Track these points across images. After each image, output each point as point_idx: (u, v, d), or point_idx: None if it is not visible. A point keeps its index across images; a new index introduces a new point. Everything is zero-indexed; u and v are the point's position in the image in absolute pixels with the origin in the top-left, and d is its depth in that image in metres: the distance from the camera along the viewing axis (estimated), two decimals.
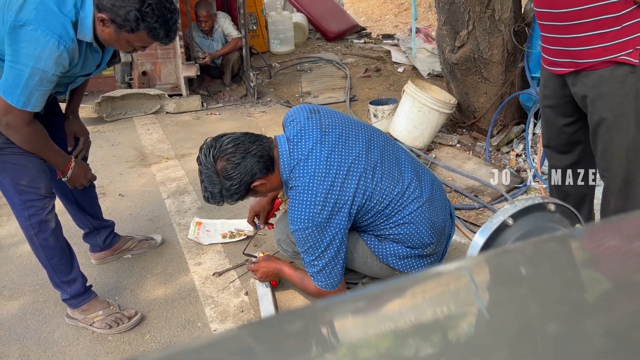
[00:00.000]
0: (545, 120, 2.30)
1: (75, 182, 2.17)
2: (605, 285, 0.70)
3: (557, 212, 0.94)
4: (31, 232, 2.08)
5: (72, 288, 2.20)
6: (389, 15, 9.70)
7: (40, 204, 2.06)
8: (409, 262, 2.04)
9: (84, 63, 1.90)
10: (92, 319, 2.21)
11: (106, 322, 2.20)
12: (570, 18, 1.92)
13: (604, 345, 0.55)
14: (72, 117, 2.35)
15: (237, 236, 2.82)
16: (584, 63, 1.96)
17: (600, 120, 2.00)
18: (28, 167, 2.00)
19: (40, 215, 2.07)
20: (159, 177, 3.61)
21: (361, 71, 5.76)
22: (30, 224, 2.07)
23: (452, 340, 0.60)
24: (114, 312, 2.24)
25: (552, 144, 2.31)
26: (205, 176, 1.88)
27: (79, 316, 2.24)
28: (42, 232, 2.09)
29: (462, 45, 3.57)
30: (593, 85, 1.96)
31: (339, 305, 0.70)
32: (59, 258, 2.15)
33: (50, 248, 2.12)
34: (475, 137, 3.93)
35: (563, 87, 2.11)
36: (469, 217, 2.97)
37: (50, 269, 2.16)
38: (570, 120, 2.18)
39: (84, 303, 2.23)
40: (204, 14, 5.19)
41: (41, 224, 2.08)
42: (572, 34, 1.94)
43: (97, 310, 2.23)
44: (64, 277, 2.18)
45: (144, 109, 4.91)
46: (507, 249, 0.85)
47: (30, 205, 2.04)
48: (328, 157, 1.86)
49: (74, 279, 2.20)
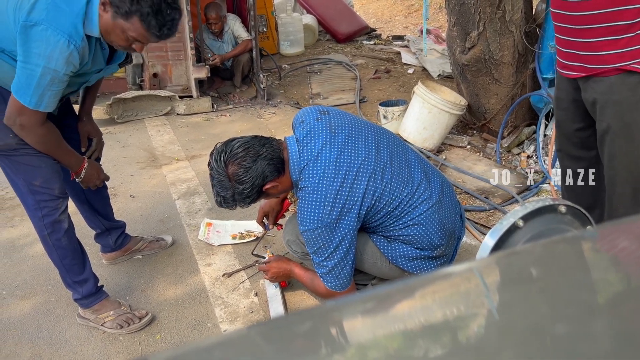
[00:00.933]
0: (558, 123, 2.27)
1: (89, 183, 2.18)
2: (615, 287, 0.69)
3: (568, 214, 0.93)
4: (44, 232, 2.10)
5: (83, 288, 2.22)
6: (399, 17, 9.68)
7: (53, 204, 2.08)
8: (419, 264, 2.03)
9: (94, 59, 1.91)
10: (104, 319, 2.23)
11: (117, 322, 2.22)
12: (583, 22, 1.89)
13: (614, 346, 0.55)
14: (86, 118, 2.38)
15: (247, 237, 2.83)
16: (594, 69, 1.93)
17: (608, 128, 1.97)
18: (42, 167, 2.02)
19: (54, 215, 2.08)
20: (170, 178, 3.63)
21: (371, 72, 5.75)
22: (43, 224, 2.08)
23: (461, 341, 0.60)
24: (125, 312, 2.25)
25: (564, 148, 2.28)
26: (217, 181, 1.89)
27: (90, 316, 2.25)
28: (55, 232, 2.11)
29: (472, 47, 3.55)
30: (603, 91, 1.93)
31: (348, 305, 0.70)
32: (71, 258, 2.17)
33: (63, 248, 2.14)
34: (486, 138, 3.91)
35: (575, 90, 2.08)
36: (479, 218, 2.96)
37: (63, 268, 2.18)
38: (583, 125, 2.15)
39: (95, 303, 2.25)
40: (214, 16, 5.21)
41: (54, 224, 2.10)
42: (584, 38, 1.92)
43: (108, 310, 2.25)
44: (76, 277, 2.20)
45: (155, 111, 4.94)
46: (517, 250, 0.84)
47: (43, 205, 2.06)
48: (337, 157, 1.86)
49: (85, 279, 2.22)
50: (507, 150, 3.72)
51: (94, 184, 2.20)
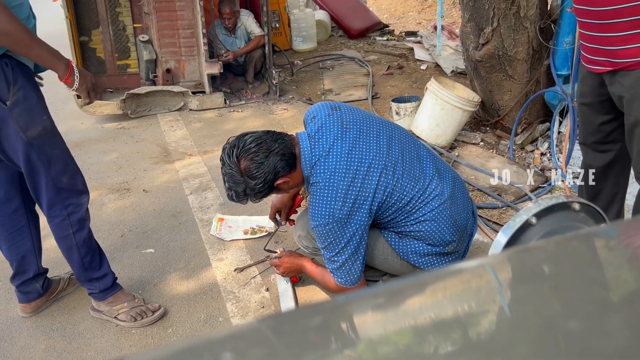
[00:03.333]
0: (582, 117, 2.26)
1: (87, 88, 1.91)
2: (630, 284, 0.68)
3: (582, 212, 0.92)
4: (69, 231, 2.06)
5: (101, 283, 2.21)
6: (412, 13, 9.63)
7: (78, 201, 2.06)
8: (430, 260, 2.03)
9: None
10: (118, 311, 2.24)
11: (131, 314, 2.22)
12: (607, 16, 1.88)
13: (628, 343, 0.54)
14: None
15: (259, 232, 2.84)
16: (621, 63, 1.91)
17: (636, 121, 1.95)
18: (68, 162, 1.99)
19: (79, 212, 2.07)
20: (182, 174, 3.65)
21: (384, 69, 5.73)
22: (69, 222, 2.05)
23: (472, 338, 0.60)
24: (138, 304, 2.26)
25: (588, 142, 2.27)
26: (229, 176, 1.89)
27: (104, 308, 2.25)
28: (81, 230, 2.09)
29: (486, 43, 3.52)
30: (630, 85, 1.92)
31: (359, 300, 0.70)
32: (92, 255, 2.15)
33: (86, 246, 2.12)
34: (499, 135, 3.88)
35: (600, 85, 2.07)
36: (492, 216, 2.94)
37: (82, 267, 2.15)
38: (607, 118, 2.14)
39: (110, 295, 2.25)
40: (227, 11, 5.22)
41: (80, 222, 2.08)
42: (609, 33, 1.90)
43: (122, 302, 2.25)
44: (95, 273, 2.19)
45: (168, 106, 4.97)
46: (530, 246, 0.84)
47: (68, 203, 2.03)
48: (349, 153, 1.86)
49: (104, 274, 2.21)
50: (521, 148, 3.69)
51: (93, 91, 1.94)
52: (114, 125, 4.71)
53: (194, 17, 4.85)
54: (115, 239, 2.88)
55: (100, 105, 4.68)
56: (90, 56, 5.13)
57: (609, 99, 2.05)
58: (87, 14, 5.02)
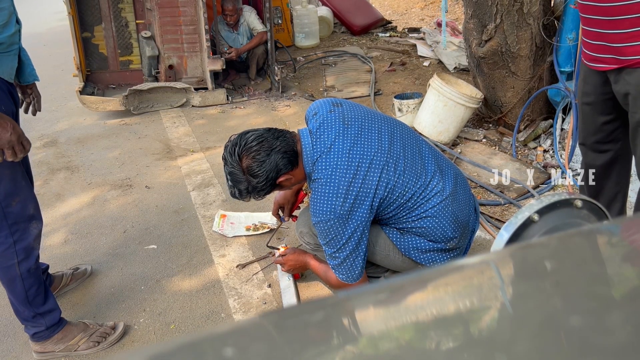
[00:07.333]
0: (583, 117, 2.24)
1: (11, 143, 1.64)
2: (632, 281, 0.68)
3: (584, 209, 0.92)
4: (13, 261, 1.85)
5: (47, 319, 1.99)
6: (415, 9, 9.60)
7: (26, 226, 1.86)
8: (432, 256, 2.03)
9: None
10: (77, 343, 2.06)
11: (92, 340, 2.07)
12: (615, 13, 1.86)
13: (629, 340, 0.54)
14: None
15: (261, 229, 2.84)
16: (627, 60, 1.90)
17: None
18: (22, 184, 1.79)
19: (27, 240, 1.86)
20: (185, 170, 3.65)
21: (386, 65, 5.72)
22: (14, 250, 1.84)
23: (474, 334, 0.60)
24: (95, 329, 2.11)
25: (588, 142, 2.26)
26: (231, 174, 1.90)
27: (55, 347, 2.03)
28: (27, 260, 1.88)
29: (489, 39, 3.51)
30: (636, 83, 1.91)
31: (360, 296, 0.70)
32: (37, 287, 1.93)
33: (31, 277, 1.91)
34: (502, 132, 3.87)
35: (604, 84, 2.05)
36: (494, 213, 2.94)
37: (26, 301, 1.91)
38: (610, 117, 2.12)
39: (57, 331, 2.04)
40: (230, 7, 5.21)
41: (27, 250, 1.87)
42: (616, 30, 1.89)
43: (76, 334, 2.07)
44: (40, 308, 1.96)
45: (170, 102, 4.97)
46: (532, 243, 0.84)
47: (16, 229, 1.83)
48: (350, 149, 1.86)
49: (50, 309, 2.00)
50: (523, 144, 3.68)
51: (9, 145, 1.64)
52: (117, 121, 4.72)
53: (197, 14, 4.84)
54: (117, 235, 2.89)
55: (102, 102, 4.69)
56: (93, 52, 5.13)
57: (612, 97, 2.04)
58: (90, 10, 5.02)
